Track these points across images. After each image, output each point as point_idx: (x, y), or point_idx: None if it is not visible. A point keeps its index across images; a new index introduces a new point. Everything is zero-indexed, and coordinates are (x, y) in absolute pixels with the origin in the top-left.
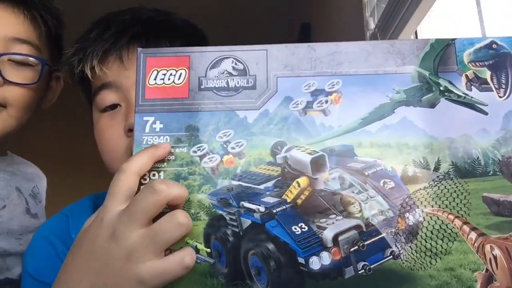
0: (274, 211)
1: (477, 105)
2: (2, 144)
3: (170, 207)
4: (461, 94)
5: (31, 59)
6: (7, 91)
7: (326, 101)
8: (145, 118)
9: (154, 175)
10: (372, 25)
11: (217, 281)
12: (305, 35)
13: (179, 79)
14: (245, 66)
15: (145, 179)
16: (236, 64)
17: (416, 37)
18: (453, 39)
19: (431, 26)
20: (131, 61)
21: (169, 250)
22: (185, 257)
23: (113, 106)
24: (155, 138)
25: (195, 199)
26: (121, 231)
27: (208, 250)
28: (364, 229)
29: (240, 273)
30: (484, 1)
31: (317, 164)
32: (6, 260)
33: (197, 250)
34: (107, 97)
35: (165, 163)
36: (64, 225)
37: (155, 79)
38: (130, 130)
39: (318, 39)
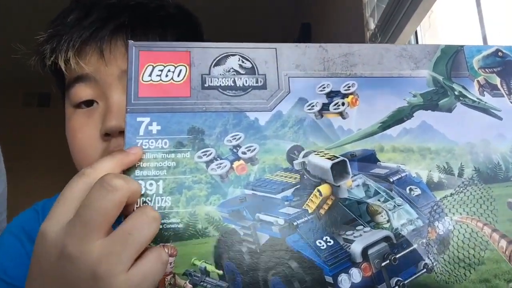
0: (295, 223)
1: (491, 110)
2: None
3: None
4: (475, 99)
5: None
6: None
7: (343, 103)
8: (138, 119)
9: (151, 184)
10: (372, 25)
11: None
12: (305, 35)
13: (178, 76)
14: (254, 65)
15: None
16: (243, 62)
17: (416, 37)
18: (462, 46)
19: (431, 26)
20: (113, 56)
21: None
22: (161, 252)
23: (89, 103)
24: (152, 142)
25: (202, 211)
26: (75, 247)
27: (220, 272)
28: (394, 241)
29: None
30: (484, 1)
31: (339, 170)
32: None
33: (207, 273)
34: (83, 92)
35: (165, 170)
36: (34, 222)
37: (150, 75)
38: (106, 135)
39: (318, 39)
